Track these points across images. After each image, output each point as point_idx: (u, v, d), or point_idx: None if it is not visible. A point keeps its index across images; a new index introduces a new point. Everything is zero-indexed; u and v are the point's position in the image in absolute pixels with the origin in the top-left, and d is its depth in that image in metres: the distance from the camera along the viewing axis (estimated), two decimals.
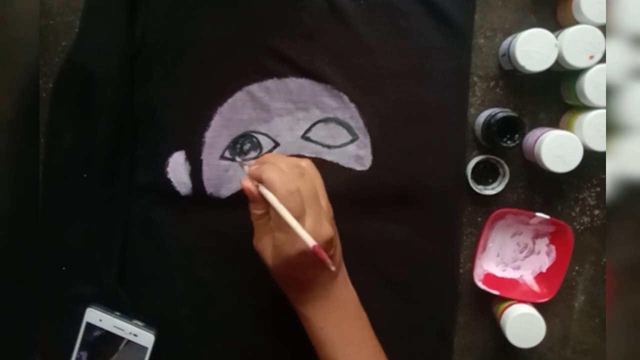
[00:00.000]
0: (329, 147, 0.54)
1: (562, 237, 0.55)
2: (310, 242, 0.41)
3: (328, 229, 0.44)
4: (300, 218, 0.42)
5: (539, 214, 0.55)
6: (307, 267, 0.45)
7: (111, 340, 0.53)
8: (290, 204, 0.42)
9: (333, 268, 0.42)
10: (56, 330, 0.54)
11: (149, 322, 0.54)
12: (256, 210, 0.46)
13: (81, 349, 0.53)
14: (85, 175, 0.54)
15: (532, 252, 0.58)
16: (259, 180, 0.45)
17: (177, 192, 0.54)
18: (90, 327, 0.53)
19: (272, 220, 0.45)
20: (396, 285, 0.54)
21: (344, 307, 0.49)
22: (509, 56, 0.52)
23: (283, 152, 0.54)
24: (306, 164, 0.47)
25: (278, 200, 0.43)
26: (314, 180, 0.46)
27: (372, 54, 0.53)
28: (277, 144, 0.54)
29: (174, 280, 0.55)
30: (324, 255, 0.41)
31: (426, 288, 0.53)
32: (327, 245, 0.44)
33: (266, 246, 0.46)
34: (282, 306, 0.55)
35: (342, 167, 0.54)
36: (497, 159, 0.55)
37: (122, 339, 0.53)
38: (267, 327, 0.55)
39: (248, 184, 0.45)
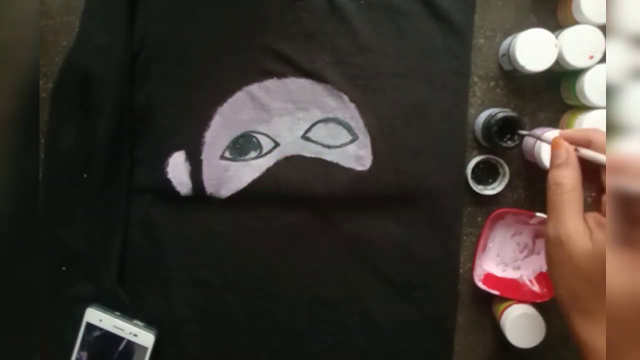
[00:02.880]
0: (329, 147, 0.54)
1: None
2: None
3: None
4: None
5: (539, 214, 0.55)
6: None
7: (111, 340, 0.53)
8: None
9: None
10: (56, 330, 0.54)
11: (149, 322, 0.54)
12: (567, 179, 0.37)
13: (81, 349, 0.53)
14: (85, 175, 0.54)
15: (532, 252, 0.57)
16: (583, 143, 0.37)
17: (177, 192, 0.54)
18: (90, 327, 0.53)
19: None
20: (396, 285, 0.54)
21: None
22: (509, 56, 0.52)
23: (283, 153, 0.54)
24: None
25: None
26: None
27: (372, 54, 0.53)
28: (277, 144, 0.54)
29: (174, 280, 0.55)
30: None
31: (426, 288, 0.53)
32: None
33: (581, 229, 0.35)
34: (282, 306, 0.55)
35: (342, 167, 0.54)
36: (497, 159, 0.55)
37: (122, 339, 0.53)
38: (267, 327, 0.55)
39: (564, 145, 0.37)
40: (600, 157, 0.34)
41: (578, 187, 0.37)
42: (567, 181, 0.36)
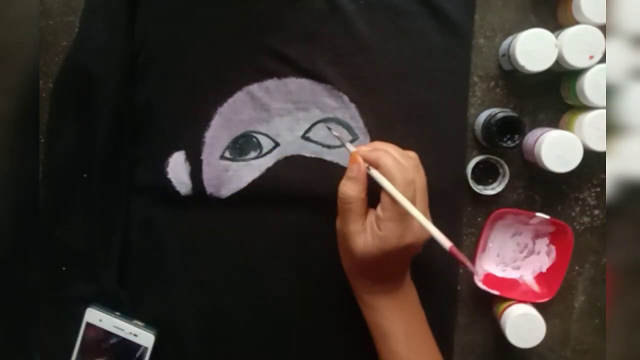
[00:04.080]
0: (329, 147, 0.54)
1: (562, 237, 0.55)
2: (447, 243, 0.39)
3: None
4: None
5: (539, 214, 0.55)
6: (401, 260, 0.46)
7: (111, 340, 0.53)
8: (406, 194, 0.42)
9: (476, 273, 0.41)
10: (56, 330, 0.54)
11: (149, 322, 0.54)
12: (352, 192, 0.44)
13: (81, 349, 0.53)
14: (85, 175, 0.54)
15: (532, 252, 0.57)
16: (374, 164, 0.44)
17: (177, 192, 0.54)
18: (90, 327, 0.53)
19: (382, 209, 0.43)
20: None
21: (410, 302, 0.49)
22: (509, 56, 0.52)
23: (283, 153, 0.54)
24: (415, 156, 0.48)
25: (397, 190, 0.42)
26: (424, 175, 0.47)
27: (372, 54, 0.53)
28: (277, 144, 0.54)
29: (174, 280, 0.55)
30: (463, 257, 0.39)
31: (425, 288, 0.53)
32: (422, 244, 0.46)
33: (358, 232, 0.44)
34: (283, 306, 0.55)
35: (343, 167, 0.54)
36: (497, 159, 0.55)
37: (122, 339, 0.53)
38: (268, 327, 0.55)
39: (360, 161, 0.44)
40: (383, 180, 0.43)
41: (361, 198, 0.44)
42: (352, 193, 0.44)
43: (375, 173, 0.44)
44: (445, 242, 0.40)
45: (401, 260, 0.47)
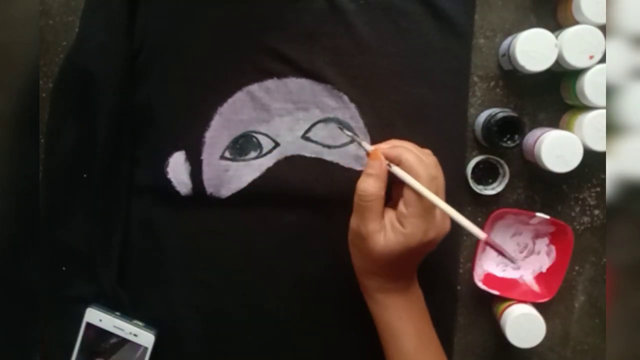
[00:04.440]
0: (329, 147, 0.54)
1: (562, 237, 0.55)
2: (482, 234, 0.40)
3: (449, 224, 0.46)
4: (434, 207, 0.43)
5: (539, 214, 0.55)
6: (419, 256, 0.47)
7: (111, 340, 0.53)
8: (431, 191, 0.42)
9: (516, 263, 0.42)
10: (56, 330, 0.54)
11: (149, 322, 0.54)
12: (372, 189, 0.44)
13: (81, 349, 0.53)
14: (85, 175, 0.54)
15: (532, 252, 0.57)
16: (395, 161, 0.44)
17: (177, 192, 0.54)
18: (90, 327, 0.53)
19: (406, 205, 0.43)
20: None
21: (418, 302, 0.50)
22: (509, 56, 0.52)
23: (283, 153, 0.54)
24: (431, 153, 0.48)
25: (423, 186, 0.42)
26: (441, 171, 0.47)
27: (372, 54, 0.53)
28: (277, 144, 0.54)
29: (174, 280, 0.55)
30: (500, 247, 0.40)
31: (425, 288, 0.53)
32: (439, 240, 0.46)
33: (378, 230, 0.44)
34: (282, 306, 0.55)
35: (343, 167, 0.54)
36: (497, 159, 0.55)
37: (122, 339, 0.53)
38: (268, 327, 0.55)
39: (381, 158, 0.44)
40: (407, 177, 0.43)
41: (381, 196, 0.44)
42: (373, 190, 0.44)
43: (397, 170, 0.44)
44: (480, 234, 0.41)
45: (419, 257, 0.48)
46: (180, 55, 0.54)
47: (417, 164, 0.43)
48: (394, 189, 0.48)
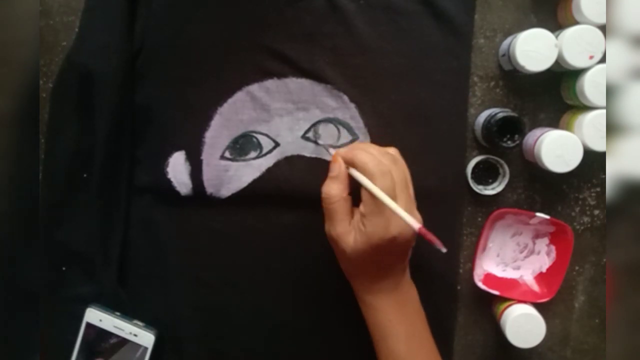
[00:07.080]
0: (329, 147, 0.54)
1: (562, 237, 0.55)
2: (415, 224, 0.41)
3: (418, 217, 0.46)
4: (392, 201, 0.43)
5: (539, 214, 0.55)
6: (393, 253, 0.46)
7: (111, 340, 0.53)
8: (383, 185, 0.43)
9: (444, 249, 0.41)
10: (56, 330, 0.54)
11: (149, 322, 0.54)
12: (334, 192, 0.45)
13: (81, 349, 0.53)
14: (85, 175, 0.54)
15: (532, 252, 0.58)
16: (350, 163, 0.45)
17: (177, 192, 0.54)
18: (90, 327, 0.53)
19: (364, 205, 0.44)
20: None
21: (411, 302, 0.50)
22: (509, 56, 0.52)
23: (283, 153, 0.54)
24: (394, 151, 0.48)
25: (372, 184, 0.43)
26: (404, 168, 0.47)
27: (372, 54, 0.53)
28: (277, 144, 0.54)
29: (174, 280, 0.55)
30: (432, 235, 0.41)
31: (425, 288, 0.53)
32: (413, 235, 0.46)
33: (346, 231, 0.45)
34: (283, 306, 0.55)
35: None
36: (497, 159, 0.55)
37: (122, 339, 0.53)
38: (268, 327, 0.55)
39: (339, 161, 0.46)
40: (359, 176, 0.44)
41: (344, 197, 0.45)
42: (334, 192, 0.45)
43: (353, 171, 0.45)
44: (414, 224, 0.41)
45: (394, 255, 0.47)
46: (180, 55, 0.54)
47: (368, 162, 0.44)
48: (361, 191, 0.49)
